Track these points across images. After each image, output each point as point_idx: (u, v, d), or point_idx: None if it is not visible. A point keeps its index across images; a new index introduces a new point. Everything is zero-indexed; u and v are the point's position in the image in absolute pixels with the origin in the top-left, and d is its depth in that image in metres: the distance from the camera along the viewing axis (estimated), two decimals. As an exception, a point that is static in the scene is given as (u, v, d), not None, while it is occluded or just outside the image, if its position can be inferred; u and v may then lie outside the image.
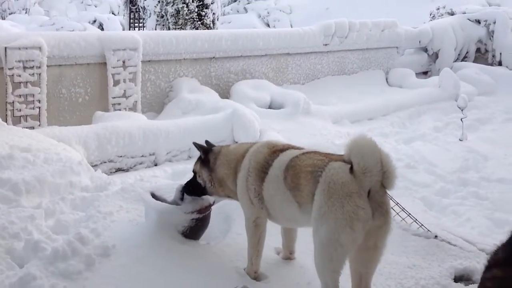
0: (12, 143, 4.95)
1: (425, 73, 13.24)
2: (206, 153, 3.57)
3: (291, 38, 10.35)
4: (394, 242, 3.71)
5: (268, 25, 19.12)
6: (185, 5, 12.01)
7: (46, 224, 3.85)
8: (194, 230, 3.74)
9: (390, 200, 4.04)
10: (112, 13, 19.38)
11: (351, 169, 2.87)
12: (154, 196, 3.86)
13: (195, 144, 3.65)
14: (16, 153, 4.69)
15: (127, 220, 3.90)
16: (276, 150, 3.33)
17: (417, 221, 4.12)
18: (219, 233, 3.97)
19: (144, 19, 13.15)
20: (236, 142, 6.40)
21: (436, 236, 3.87)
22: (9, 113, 6.88)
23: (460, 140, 8.04)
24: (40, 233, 3.66)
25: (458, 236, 4.03)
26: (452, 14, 14.45)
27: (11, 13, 18.49)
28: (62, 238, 3.54)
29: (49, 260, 3.22)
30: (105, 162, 6.32)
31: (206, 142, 3.68)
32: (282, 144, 3.47)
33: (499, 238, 2.43)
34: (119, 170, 6.42)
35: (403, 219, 4.19)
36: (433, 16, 14.99)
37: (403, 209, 4.23)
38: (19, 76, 6.93)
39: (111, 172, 6.22)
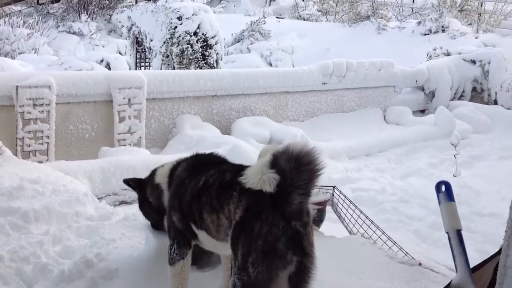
0: (22, 175, 5.21)
1: (422, 111, 13.56)
2: None
3: (290, 77, 10.70)
4: (380, 270, 3.95)
5: (271, 64, 19.58)
6: (189, 46, 12.41)
7: (54, 250, 4.09)
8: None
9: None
10: (119, 53, 19.85)
11: None
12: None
13: None
14: (26, 184, 4.96)
15: (129, 246, 4.12)
16: None
17: (402, 249, 4.34)
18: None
19: (150, 58, 13.54)
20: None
21: (420, 264, 4.08)
22: (19, 148, 7.19)
23: (454, 176, 8.25)
24: (48, 257, 3.89)
25: (442, 265, 4.22)
26: (448, 54, 14.86)
27: (21, 52, 18.89)
28: (68, 262, 3.77)
29: (55, 281, 3.45)
30: (109, 195, 6.56)
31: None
32: None
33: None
34: (123, 202, 6.63)
35: (390, 248, 4.41)
36: (430, 56, 15.40)
37: (389, 238, 4.46)
38: (29, 113, 7.25)
39: (115, 205, 6.41)
